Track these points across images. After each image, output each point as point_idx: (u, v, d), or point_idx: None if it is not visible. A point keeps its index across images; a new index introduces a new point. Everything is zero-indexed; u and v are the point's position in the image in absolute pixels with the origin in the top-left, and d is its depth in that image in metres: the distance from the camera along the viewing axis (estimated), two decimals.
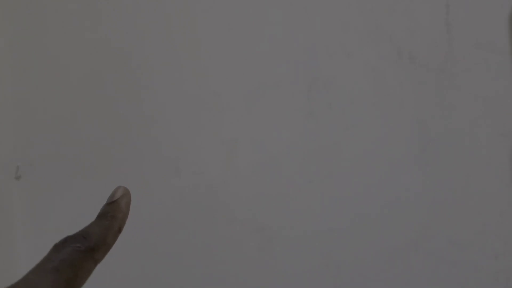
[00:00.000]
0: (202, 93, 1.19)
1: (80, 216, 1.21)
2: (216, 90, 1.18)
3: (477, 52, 1.08)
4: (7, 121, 1.27)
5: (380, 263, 1.10)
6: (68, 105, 1.25)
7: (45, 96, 1.26)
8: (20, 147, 1.26)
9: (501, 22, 1.06)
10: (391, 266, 1.09)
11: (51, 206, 1.23)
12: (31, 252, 1.23)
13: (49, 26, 1.26)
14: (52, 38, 1.26)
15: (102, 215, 0.42)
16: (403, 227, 1.09)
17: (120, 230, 0.42)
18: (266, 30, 1.17)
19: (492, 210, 1.06)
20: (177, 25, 1.21)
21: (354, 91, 1.13)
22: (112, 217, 0.42)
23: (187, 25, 1.20)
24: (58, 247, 0.39)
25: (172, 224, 1.17)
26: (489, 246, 1.06)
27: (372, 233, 1.10)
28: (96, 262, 0.40)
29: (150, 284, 1.18)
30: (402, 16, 1.12)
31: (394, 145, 1.11)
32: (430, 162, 1.09)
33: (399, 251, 1.09)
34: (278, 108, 1.16)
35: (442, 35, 1.10)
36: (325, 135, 1.13)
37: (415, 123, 1.09)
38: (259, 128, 1.16)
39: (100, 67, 1.23)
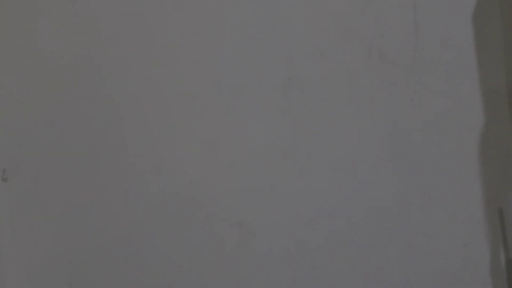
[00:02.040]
0: (182, 95, 1.23)
1: (66, 216, 1.25)
2: (195, 92, 1.22)
3: (443, 50, 1.13)
4: None
5: (355, 254, 1.14)
6: (53, 109, 1.28)
7: (30, 99, 1.30)
8: (5, 150, 1.29)
9: (464, 21, 1.11)
10: (366, 256, 1.14)
11: (38, 207, 1.27)
12: (17, 253, 1.26)
13: (33, 30, 1.30)
14: (36, 42, 1.30)
15: None
16: (376, 219, 1.14)
17: None
18: (242, 32, 1.21)
19: (460, 201, 1.11)
20: (155, 27, 1.25)
21: (328, 89, 1.17)
22: None
23: (165, 27, 1.24)
24: None
25: (155, 220, 1.21)
26: (458, 235, 1.10)
27: (347, 225, 1.15)
28: None
29: (132, 279, 1.22)
30: (372, 17, 1.16)
31: (367, 140, 1.15)
32: (401, 156, 1.13)
33: (373, 242, 1.14)
34: (255, 107, 1.20)
35: (410, 35, 1.14)
36: (301, 133, 1.18)
37: (386, 119, 1.14)
38: (237, 127, 1.20)
39: (82, 70, 1.27)
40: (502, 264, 1.08)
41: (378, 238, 1.13)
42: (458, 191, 1.11)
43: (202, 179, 1.20)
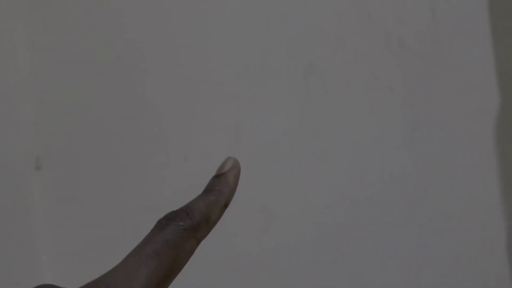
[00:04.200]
0: (205, 85, 1.27)
1: (98, 204, 1.31)
2: (218, 81, 1.26)
3: (459, 36, 1.15)
4: (26, 113, 1.37)
5: (374, 236, 1.18)
6: (86, 97, 1.34)
7: (63, 88, 1.35)
8: (39, 138, 1.35)
9: (480, 7, 1.13)
10: (384, 239, 1.17)
11: (71, 195, 1.33)
12: (52, 243, 1.32)
13: (65, 25, 1.35)
14: (70, 36, 1.35)
15: (208, 189, 0.40)
16: (395, 202, 1.17)
17: (226, 205, 0.41)
18: (263, 21, 1.25)
19: (477, 183, 1.13)
20: (176, 19, 1.29)
21: (348, 76, 1.21)
22: (219, 191, 0.40)
23: (186, 19, 1.28)
24: (161, 226, 0.38)
25: (181, 205, 1.26)
26: (476, 217, 1.13)
27: (367, 209, 1.18)
28: (198, 241, 0.39)
29: None
30: (391, 3, 1.19)
31: (385, 126, 1.18)
32: (419, 141, 1.16)
33: (393, 224, 1.17)
34: (277, 95, 1.24)
35: (427, 22, 1.16)
36: (321, 119, 1.21)
37: (404, 105, 1.17)
38: (260, 114, 1.24)
39: (111, 63, 1.32)
40: None
41: (397, 221, 1.17)
42: (475, 173, 1.14)
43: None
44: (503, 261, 1.11)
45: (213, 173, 1.19)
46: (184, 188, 1.27)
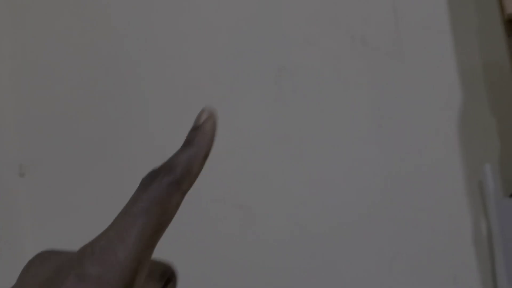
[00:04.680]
0: (181, 89, 1.31)
1: (84, 211, 1.36)
2: (193, 85, 1.31)
3: (421, 33, 1.18)
4: (9, 121, 1.41)
5: (348, 230, 1.22)
6: (67, 104, 1.38)
7: (45, 96, 1.40)
8: (22, 145, 1.39)
9: (440, 4, 1.17)
10: (357, 232, 1.21)
11: (54, 200, 1.37)
12: (37, 245, 1.37)
13: (48, 29, 1.39)
14: (50, 40, 1.40)
15: (187, 143, 0.40)
16: (367, 196, 1.21)
17: (206, 156, 0.41)
18: (236, 28, 1.29)
19: (443, 176, 1.17)
20: (156, 25, 1.33)
21: (316, 77, 1.24)
22: (197, 143, 0.40)
23: (163, 24, 1.32)
24: (145, 184, 0.38)
25: None
26: (443, 208, 1.17)
27: (340, 203, 1.22)
28: (183, 193, 0.39)
29: None
30: (355, 4, 1.23)
31: (354, 124, 1.22)
32: (386, 136, 1.20)
33: (365, 217, 1.21)
34: (250, 97, 1.28)
35: (390, 20, 1.20)
36: (293, 119, 1.25)
37: (370, 102, 1.21)
38: (234, 116, 1.28)
39: (94, 68, 1.36)
40: (483, 235, 1.14)
41: (369, 214, 1.21)
42: (441, 166, 1.18)
43: (205, 165, 1.29)
44: (471, 251, 1.15)
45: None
46: None
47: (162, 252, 1.24)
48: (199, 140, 0.40)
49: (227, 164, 1.29)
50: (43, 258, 0.39)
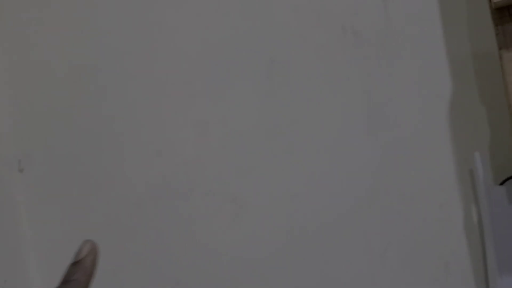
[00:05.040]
0: (174, 83, 1.33)
1: (80, 204, 1.38)
2: (186, 79, 1.32)
3: (411, 23, 1.19)
4: (8, 119, 1.45)
5: (339, 221, 1.22)
6: (64, 102, 1.41)
7: (42, 94, 1.43)
8: (21, 142, 1.42)
9: None
10: (348, 223, 1.22)
11: (52, 194, 1.40)
12: (35, 238, 1.39)
13: (44, 27, 1.42)
14: (47, 38, 1.43)
15: (66, 280, 0.40)
16: (356, 187, 1.22)
17: None
18: (227, 22, 1.31)
19: (434, 165, 1.18)
20: (148, 19, 1.35)
21: (307, 69, 1.26)
22: (76, 281, 0.40)
23: (152, 18, 1.35)
24: None
25: (156, 198, 1.32)
26: (434, 197, 1.18)
27: (330, 195, 1.23)
28: None
29: (136, 252, 1.33)
30: None
31: (345, 114, 1.23)
32: (377, 127, 1.21)
33: (355, 209, 1.22)
34: (242, 90, 1.29)
35: (379, 11, 1.21)
36: (284, 111, 1.26)
37: (361, 93, 1.22)
38: (226, 109, 1.30)
39: (87, 65, 1.39)
40: (474, 223, 1.15)
41: (359, 205, 1.21)
42: (432, 156, 1.18)
43: (196, 159, 1.31)
44: (462, 239, 1.16)
45: (184, 166, 1.25)
46: (158, 183, 1.33)
47: (160, 242, 1.26)
48: (78, 278, 0.40)
49: (219, 157, 1.30)
50: None
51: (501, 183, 1.11)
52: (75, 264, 0.41)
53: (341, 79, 1.23)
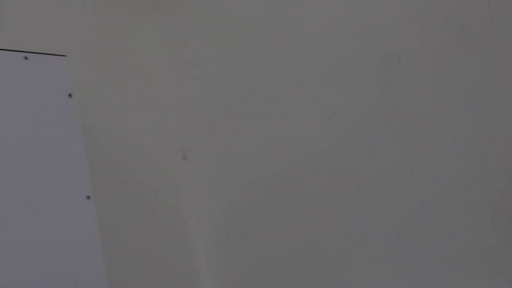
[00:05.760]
0: (307, 78, 1.59)
1: (233, 179, 1.68)
2: (317, 74, 1.57)
3: None
4: (174, 116, 1.83)
5: (458, 192, 1.39)
6: (218, 100, 1.73)
7: (201, 96, 1.76)
8: (184, 134, 1.80)
9: None
10: (462, 195, 1.39)
11: (211, 178, 1.74)
12: (199, 214, 1.73)
13: (201, 40, 1.74)
14: (205, 50, 1.75)
15: None
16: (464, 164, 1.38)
17: None
18: (349, 21, 1.53)
19: None
20: (285, 25, 1.62)
21: (421, 63, 1.43)
22: None
23: (288, 26, 1.61)
24: None
25: (293, 180, 1.59)
26: None
27: (447, 171, 1.40)
28: None
29: (280, 224, 1.61)
30: None
31: (452, 102, 1.39)
32: (477, 115, 1.36)
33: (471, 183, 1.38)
34: (364, 81, 1.50)
35: (484, 9, 1.36)
36: (400, 100, 1.45)
37: (465, 84, 1.37)
38: (351, 98, 1.52)
39: (238, 69, 1.70)
40: None
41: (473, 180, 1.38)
42: None
43: (325, 142, 1.55)
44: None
45: (315, 150, 1.49)
46: (291, 166, 1.59)
47: (296, 217, 1.53)
48: None
49: (345, 141, 1.52)
50: None
51: None
52: None
53: (449, 72, 1.40)
